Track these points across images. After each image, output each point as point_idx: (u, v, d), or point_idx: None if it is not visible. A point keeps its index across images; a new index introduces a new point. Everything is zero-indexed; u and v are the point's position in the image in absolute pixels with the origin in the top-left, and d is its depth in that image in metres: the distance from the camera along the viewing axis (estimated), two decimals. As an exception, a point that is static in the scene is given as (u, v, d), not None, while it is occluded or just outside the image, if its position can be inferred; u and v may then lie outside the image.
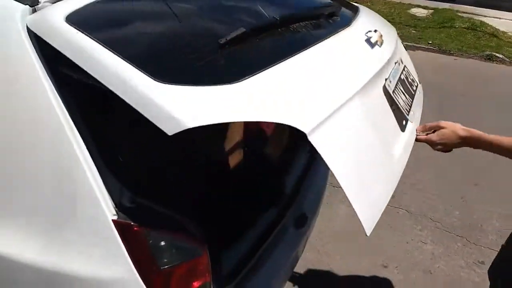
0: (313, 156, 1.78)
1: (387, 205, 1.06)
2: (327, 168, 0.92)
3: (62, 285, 1.00)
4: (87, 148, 0.91)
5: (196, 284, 1.04)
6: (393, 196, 2.76)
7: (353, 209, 0.91)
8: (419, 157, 3.14)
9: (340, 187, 0.90)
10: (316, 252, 2.20)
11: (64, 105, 0.91)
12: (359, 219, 0.92)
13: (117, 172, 0.95)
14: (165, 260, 0.96)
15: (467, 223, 2.52)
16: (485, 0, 7.66)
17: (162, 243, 0.96)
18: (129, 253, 0.93)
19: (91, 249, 0.94)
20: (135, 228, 0.93)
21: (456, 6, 7.72)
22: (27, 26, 0.92)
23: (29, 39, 0.91)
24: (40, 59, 0.91)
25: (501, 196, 2.70)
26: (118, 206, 0.93)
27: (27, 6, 0.94)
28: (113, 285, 0.96)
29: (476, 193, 2.77)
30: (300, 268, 2.07)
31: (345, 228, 2.35)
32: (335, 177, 0.90)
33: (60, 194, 0.93)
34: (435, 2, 8.65)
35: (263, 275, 1.32)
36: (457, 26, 6.78)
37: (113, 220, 0.92)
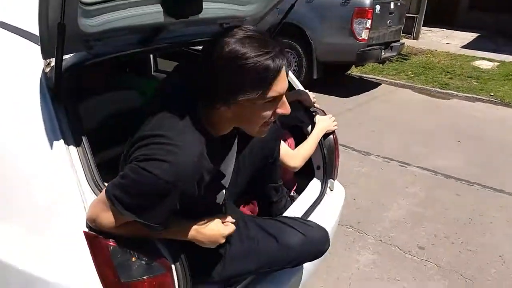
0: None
1: (414, 257, 0.93)
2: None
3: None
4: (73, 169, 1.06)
5: (159, 301, 1.11)
6: (422, 248, 2.62)
7: (375, 256, 0.80)
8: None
9: (366, 233, 0.82)
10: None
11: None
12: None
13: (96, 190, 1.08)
14: (127, 274, 1.05)
15: (502, 284, 2.30)
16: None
17: (126, 257, 1.06)
18: (95, 264, 1.04)
19: (64, 256, 1.07)
20: (102, 241, 1.04)
21: (526, 59, 7.39)
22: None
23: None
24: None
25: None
26: (92, 221, 1.06)
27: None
28: (80, 292, 1.06)
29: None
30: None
31: (363, 274, 2.26)
32: (358, 221, 0.81)
33: (44, 202, 1.08)
34: (503, 55, 8.34)
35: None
36: (524, 79, 6.46)
37: (84, 232, 1.04)
